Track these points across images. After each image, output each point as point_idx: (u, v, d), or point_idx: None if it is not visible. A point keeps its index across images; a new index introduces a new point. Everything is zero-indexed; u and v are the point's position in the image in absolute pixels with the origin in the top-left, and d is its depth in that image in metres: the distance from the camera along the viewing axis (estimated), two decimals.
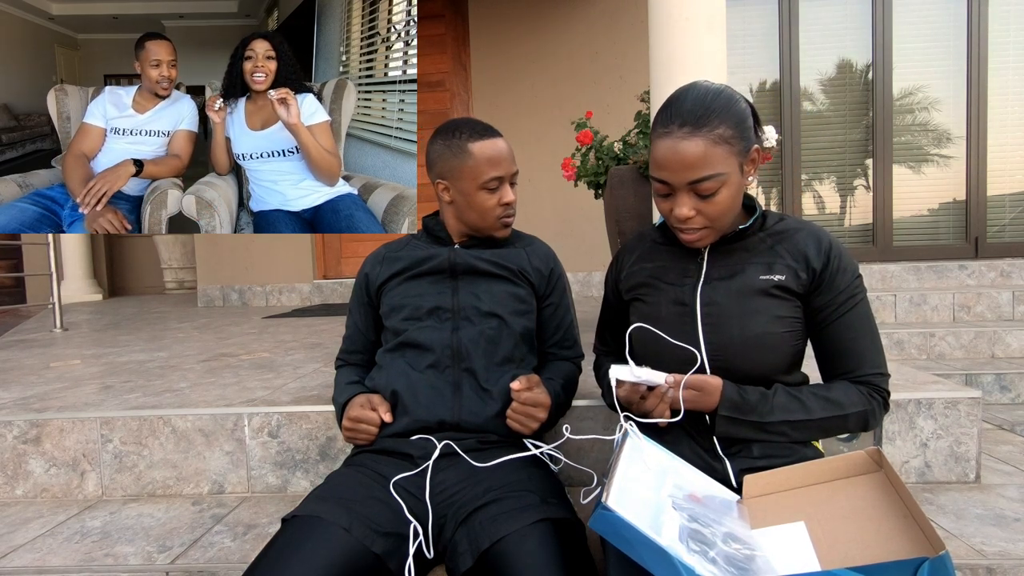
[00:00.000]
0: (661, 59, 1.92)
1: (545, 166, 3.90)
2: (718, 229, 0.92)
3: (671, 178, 0.87)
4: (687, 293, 0.97)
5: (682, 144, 0.85)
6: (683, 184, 0.87)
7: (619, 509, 0.67)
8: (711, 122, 0.85)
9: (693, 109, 0.86)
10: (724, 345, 0.92)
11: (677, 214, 0.89)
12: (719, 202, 0.87)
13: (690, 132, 0.85)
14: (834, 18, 3.69)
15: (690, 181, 0.86)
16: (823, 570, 0.69)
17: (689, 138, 0.85)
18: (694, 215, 0.88)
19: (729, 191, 0.87)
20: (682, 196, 0.88)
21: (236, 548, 1.13)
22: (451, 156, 1.12)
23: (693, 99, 0.87)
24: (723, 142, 0.85)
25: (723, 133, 0.85)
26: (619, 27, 3.88)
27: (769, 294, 0.92)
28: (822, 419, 0.89)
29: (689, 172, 0.85)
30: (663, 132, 0.87)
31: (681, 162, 0.85)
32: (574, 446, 1.33)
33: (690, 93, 0.88)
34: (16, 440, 1.41)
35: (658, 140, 0.88)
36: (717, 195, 0.87)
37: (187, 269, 5.57)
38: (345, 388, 1.16)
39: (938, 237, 3.68)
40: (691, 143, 0.84)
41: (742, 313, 0.92)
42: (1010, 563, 1.01)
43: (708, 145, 0.84)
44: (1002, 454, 1.53)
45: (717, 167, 0.85)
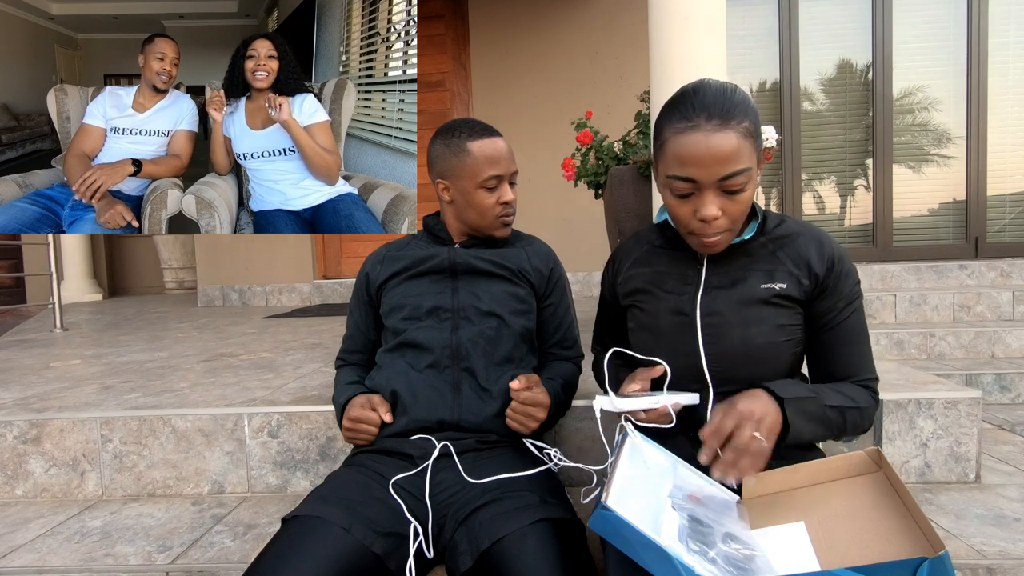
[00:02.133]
0: (661, 59, 1.92)
1: (545, 166, 3.90)
2: (735, 231, 0.88)
3: (701, 174, 0.81)
4: (687, 302, 0.95)
5: (714, 137, 0.80)
6: (713, 181, 0.82)
7: (618, 509, 0.67)
8: (737, 115, 0.81)
9: (717, 102, 0.81)
10: (725, 356, 0.91)
11: (704, 214, 0.83)
12: (744, 200, 0.84)
13: (720, 124, 0.80)
14: (834, 18, 3.69)
15: (722, 177, 0.81)
16: (823, 570, 0.69)
17: (721, 130, 0.80)
18: (720, 215, 0.84)
19: (752, 188, 0.84)
20: (709, 195, 0.83)
21: (236, 548, 1.13)
22: (450, 155, 1.12)
23: (714, 93, 0.83)
24: (749, 136, 0.82)
25: (748, 127, 0.82)
26: (619, 27, 3.88)
27: (770, 303, 0.91)
28: (851, 408, 0.87)
29: (722, 166, 0.80)
30: (688, 126, 0.82)
31: (714, 156, 0.80)
32: (574, 446, 1.33)
33: (708, 87, 0.84)
34: (16, 440, 1.41)
35: (682, 136, 0.82)
36: (744, 192, 0.83)
37: (187, 269, 5.57)
38: (345, 388, 1.16)
39: (938, 237, 3.68)
40: (723, 136, 0.80)
41: (743, 323, 0.90)
42: (1010, 563, 1.01)
43: (739, 138, 0.80)
44: (1002, 454, 1.53)
45: (746, 161, 0.81)
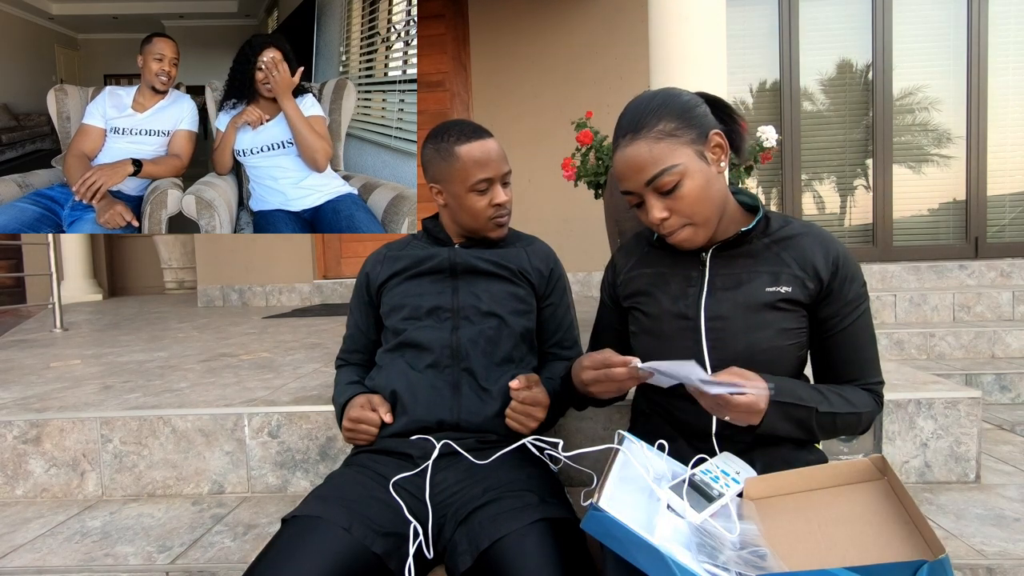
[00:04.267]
0: (661, 59, 1.92)
1: (545, 166, 3.90)
2: (702, 224, 0.90)
3: (630, 185, 0.90)
4: (690, 306, 0.94)
5: (628, 151, 0.89)
6: (642, 187, 0.89)
7: (610, 510, 0.67)
8: (648, 123, 0.88)
9: (631, 119, 0.90)
10: (729, 360, 0.90)
11: (652, 218, 0.90)
12: (686, 195, 0.87)
13: (631, 138, 0.88)
14: (834, 18, 3.69)
15: (646, 182, 0.88)
16: (822, 569, 0.69)
17: (632, 143, 0.88)
18: (668, 215, 0.89)
19: (694, 181, 0.87)
20: (649, 199, 0.89)
21: (236, 548, 1.13)
22: (440, 160, 1.12)
23: (631, 111, 0.91)
24: (665, 136, 0.87)
25: (663, 128, 0.87)
26: (619, 27, 3.88)
27: (775, 307, 0.90)
28: (847, 413, 0.88)
29: (641, 174, 0.88)
30: (613, 148, 0.92)
31: (632, 167, 0.88)
32: (574, 446, 1.33)
33: (628, 107, 0.92)
34: (16, 440, 1.41)
35: (612, 156, 0.93)
36: (681, 188, 0.87)
37: (187, 269, 5.57)
38: (345, 388, 1.16)
39: (938, 237, 3.68)
40: (634, 147, 0.88)
41: (748, 328, 0.90)
42: (1010, 563, 1.01)
43: (650, 144, 0.87)
44: (1002, 454, 1.53)
45: (666, 161, 0.86)
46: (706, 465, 0.86)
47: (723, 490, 0.81)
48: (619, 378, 0.88)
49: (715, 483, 0.82)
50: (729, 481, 0.83)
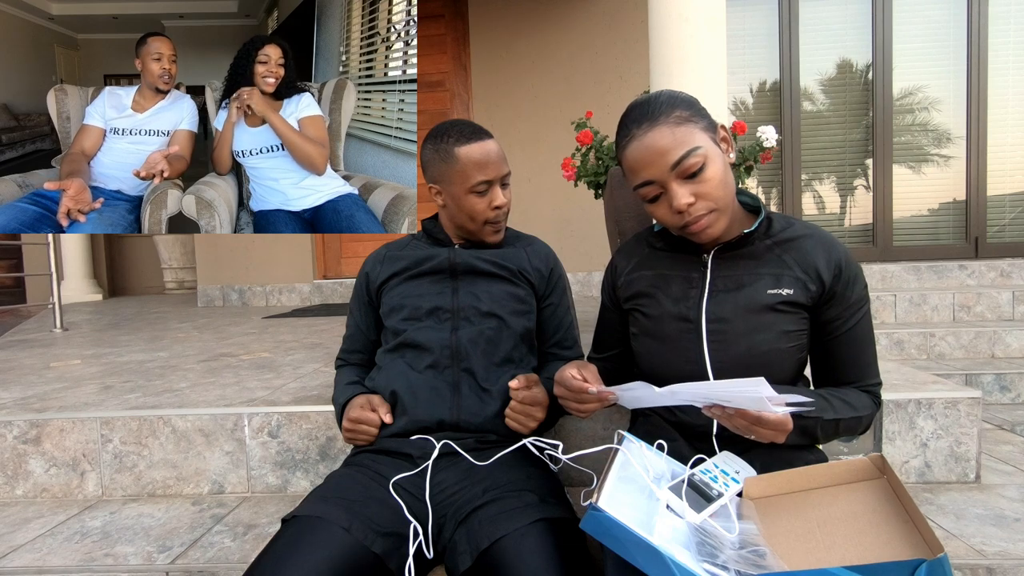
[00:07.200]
0: (661, 59, 1.92)
1: (545, 166, 3.90)
2: (724, 209, 0.88)
3: (653, 172, 0.86)
4: (691, 308, 0.94)
5: (648, 136, 0.86)
6: (667, 172, 0.85)
7: (610, 510, 0.67)
8: (663, 111, 0.87)
9: (641, 111, 0.88)
10: (730, 362, 0.90)
11: (677, 204, 0.86)
12: (710, 178, 0.86)
13: (649, 125, 0.86)
14: (834, 18, 3.69)
15: (672, 164, 0.85)
16: (822, 568, 0.69)
17: (651, 129, 0.86)
18: (694, 200, 0.86)
19: (715, 165, 0.86)
20: (673, 185, 0.86)
21: (236, 548, 1.13)
22: (439, 161, 1.11)
23: (638, 107, 0.90)
24: (684, 121, 0.86)
25: (680, 115, 0.87)
26: (619, 27, 3.88)
27: (777, 309, 0.90)
28: (849, 418, 0.88)
29: (665, 157, 0.85)
30: (626, 141, 0.89)
31: (654, 152, 0.85)
32: (574, 446, 1.33)
33: (633, 105, 0.91)
34: (16, 440, 1.41)
35: (626, 150, 0.89)
36: (705, 171, 0.85)
37: (187, 269, 5.57)
38: (345, 388, 1.16)
39: (938, 237, 3.68)
40: (654, 133, 0.86)
41: (749, 330, 0.90)
42: (1010, 563, 1.01)
43: (671, 127, 0.86)
44: (1002, 454, 1.53)
45: (690, 143, 0.85)
46: (705, 465, 0.86)
47: (722, 490, 0.81)
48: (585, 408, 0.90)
49: (714, 483, 0.82)
50: (728, 481, 0.83)
